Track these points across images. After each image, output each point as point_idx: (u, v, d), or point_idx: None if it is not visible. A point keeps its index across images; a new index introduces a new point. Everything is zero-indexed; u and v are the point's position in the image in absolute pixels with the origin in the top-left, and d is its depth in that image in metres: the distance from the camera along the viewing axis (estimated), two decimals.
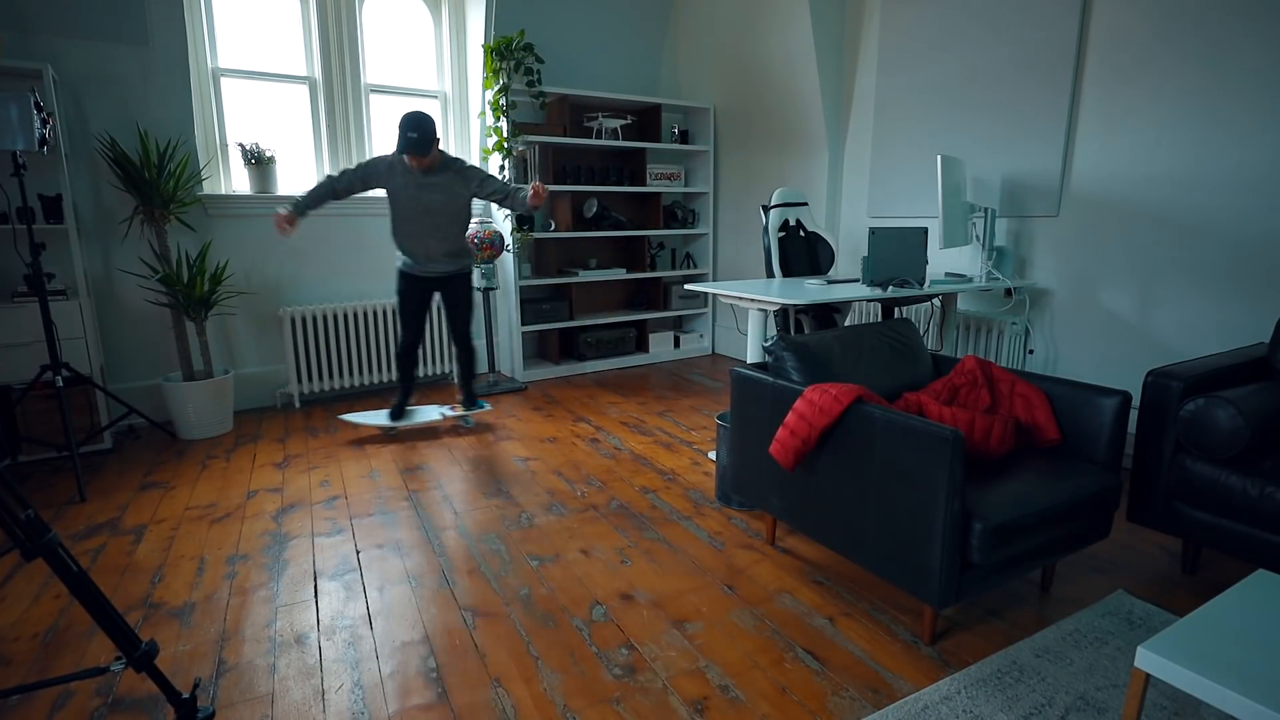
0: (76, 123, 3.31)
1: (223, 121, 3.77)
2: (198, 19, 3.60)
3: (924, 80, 3.66)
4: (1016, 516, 1.61)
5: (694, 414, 3.79)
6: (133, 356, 3.61)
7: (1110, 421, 1.84)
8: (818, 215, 4.30)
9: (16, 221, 3.02)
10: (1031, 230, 3.29)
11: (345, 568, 2.16)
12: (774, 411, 2.03)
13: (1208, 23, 2.60)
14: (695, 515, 2.53)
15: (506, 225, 4.27)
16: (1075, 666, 1.65)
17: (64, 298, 3.11)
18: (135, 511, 2.59)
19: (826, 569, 2.14)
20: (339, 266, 4.12)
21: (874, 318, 3.88)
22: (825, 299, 2.57)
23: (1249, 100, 2.52)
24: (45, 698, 1.57)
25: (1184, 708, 1.48)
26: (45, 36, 3.19)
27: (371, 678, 1.64)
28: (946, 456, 1.53)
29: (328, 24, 3.95)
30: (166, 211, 3.34)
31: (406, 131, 2.87)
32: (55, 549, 1.28)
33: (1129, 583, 2.05)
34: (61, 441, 3.07)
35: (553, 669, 1.67)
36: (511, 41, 4.00)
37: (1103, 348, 3.06)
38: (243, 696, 1.58)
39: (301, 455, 3.19)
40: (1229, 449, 1.81)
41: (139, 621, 1.87)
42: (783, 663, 1.69)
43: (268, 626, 1.85)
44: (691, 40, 5.09)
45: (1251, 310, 2.58)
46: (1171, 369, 2.00)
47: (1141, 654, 1.17)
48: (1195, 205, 2.70)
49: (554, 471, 2.96)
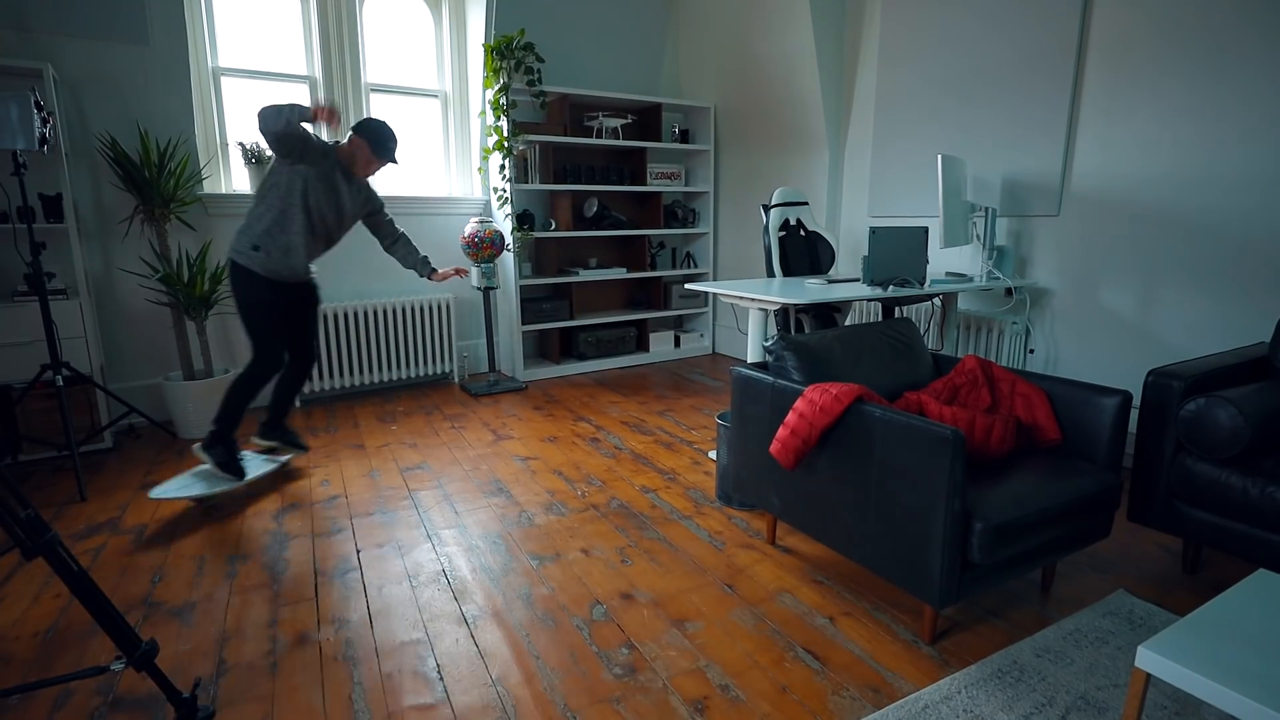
0: (77, 122, 3.31)
1: (223, 121, 3.77)
2: (198, 18, 3.60)
3: (924, 79, 3.66)
4: (1017, 516, 1.61)
5: (694, 413, 3.79)
6: (133, 356, 3.61)
7: (1111, 421, 1.84)
8: (818, 214, 4.29)
9: (17, 221, 3.02)
10: (1032, 229, 3.28)
11: (345, 567, 2.16)
12: (774, 411, 2.03)
13: (1210, 20, 2.59)
14: (696, 515, 2.53)
15: (507, 225, 4.27)
16: (1076, 666, 1.65)
17: (64, 297, 3.11)
18: (135, 511, 2.59)
19: (827, 568, 2.14)
20: (339, 266, 4.12)
21: (874, 317, 3.88)
22: (826, 298, 2.56)
23: (1251, 99, 2.51)
24: (45, 697, 1.57)
25: (1184, 708, 1.48)
26: (45, 36, 3.18)
27: (371, 677, 1.64)
28: (947, 456, 1.53)
29: (328, 23, 3.94)
30: (167, 211, 3.34)
31: (388, 140, 2.63)
32: (55, 548, 1.28)
33: (1129, 582, 2.04)
34: (62, 441, 3.07)
35: (553, 668, 1.67)
36: (512, 40, 4.00)
37: (1103, 347, 3.06)
38: (243, 696, 1.58)
39: (301, 454, 3.19)
40: (1230, 449, 1.81)
41: (139, 621, 1.87)
42: (783, 662, 1.69)
43: (268, 626, 1.85)
44: (692, 40, 5.08)
45: (1252, 309, 2.58)
46: (1172, 368, 2.00)
47: (1142, 654, 1.17)
48: (1196, 204, 2.70)
49: (554, 471, 2.96)
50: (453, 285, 4.55)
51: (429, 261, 3.01)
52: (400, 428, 3.58)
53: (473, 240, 4.01)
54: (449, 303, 4.35)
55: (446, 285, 4.51)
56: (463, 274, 3.17)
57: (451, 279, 4.49)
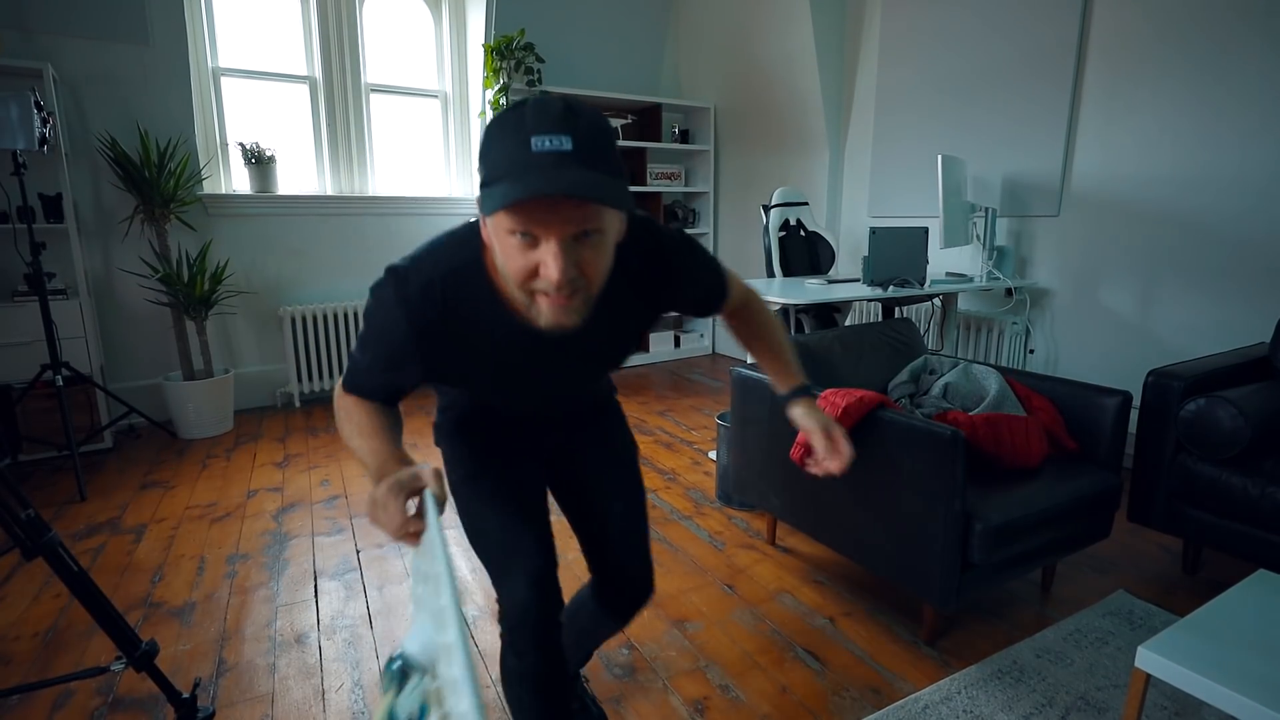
0: (77, 122, 3.31)
1: (223, 121, 3.77)
2: (198, 18, 3.60)
3: (925, 79, 3.66)
4: (1017, 516, 1.61)
5: (694, 413, 3.79)
6: (133, 356, 3.61)
7: (1111, 421, 1.84)
8: (818, 215, 4.29)
9: (17, 221, 3.01)
10: (1032, 230, 3.28)
11: (345, 567, 2.16)
12: (774, 411, 2.03)
13: (1210, 21, 2.59)
14: (695, 515, 2.53)
15: None
16: (1076, 666, 1.65)
17: (64, 297, 3.11)
18: (135, 511, 2.59)
19: (827, 569, 2.14)
20: (339, 266, 4.12)
21: (874, 317, 3.88)
22: (826, 299, 2.56)
23: (1251, 99, 2.51)
24: (45, 697, 1.57)
25: (1184, 708, 1.48)
26: (45, 36, 3.18)
27: (372, 677, 1.64)
28: (948, 456, 1.53)
29: (328, 23, 3.94)
30: (167, 211, 3.34)
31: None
32: (55, 548, 1.28)
33: (1129, 583, 2.04)
34: (61, 441, 3.07)
35: None
36: (512, 41, 4.00)
37: (1103, 347, 3.06)
38: (243, 696, 1.57)
39: (302, 454, 3.19)
40: (1230, 449, 1.81)
41: (139, 621, 1.87)
42: (783, 663, 1.69)
43: (268, 626, 1.85)
44: (692, 40, 5.08)
45: (1253, 310, 2.58)
46: (1172, 369, 2.00)
47: (1142, 654, 1.17)
48: (1197, 204, 2.70)
49: None
50: None
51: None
52: None
53: None
54: None
55: None
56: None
57: None
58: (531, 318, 0.84)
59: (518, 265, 0.77)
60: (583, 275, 0.78)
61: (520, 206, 0.72)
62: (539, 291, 0.79)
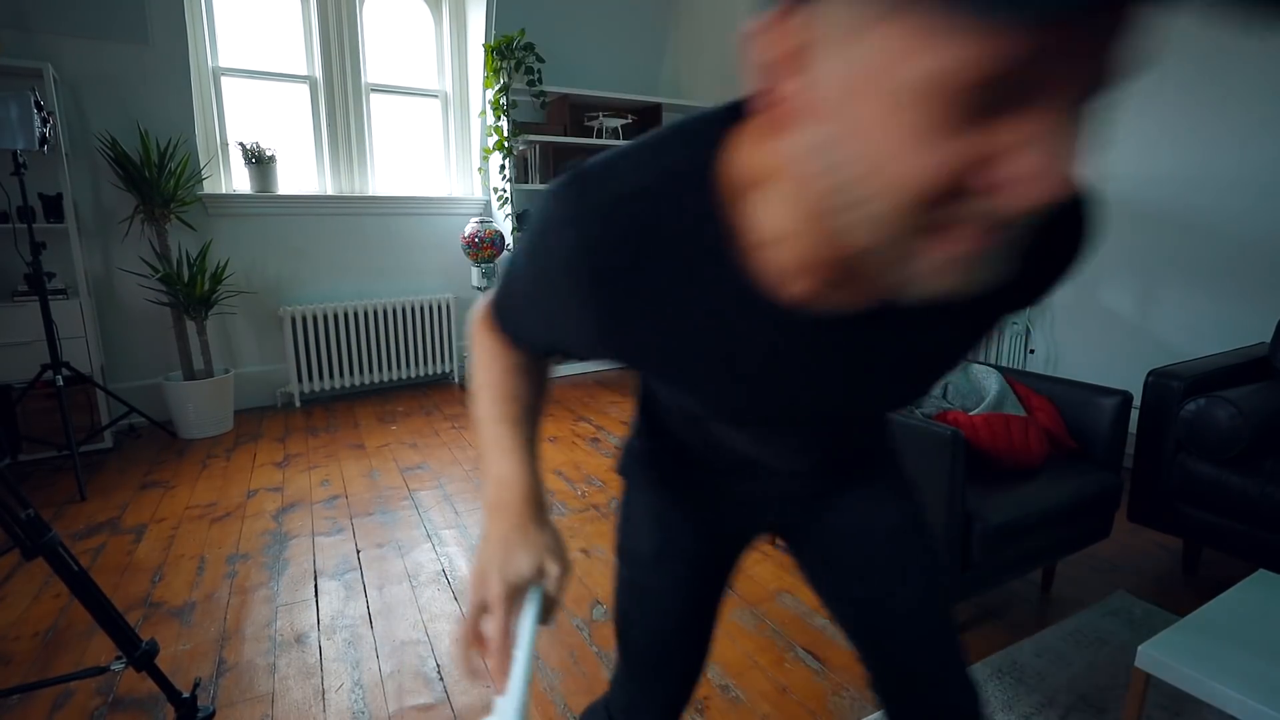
0: (77, 122, 3.31)
1: (223, 121, 3.77)
2: (198, 18, 3.59)
3: None
4: (1017, 516, 1.61)
5: None
6: (133, 356, 3.61)
7: (1111, 421, 1.84)
8: None
9: (17, 221, 3.01)
10: None
11: (345, 567, 2.16)
12: None
13: (1210, 20, 2.59)
14: None
15: (507, 225, 4.27)
16: (1075, 666, 1.65)
17: (64, 297, 3.11)
18: (135, 511, 2.59)
19: None
20: (339, 266, 4.12)
21: None
22: None
23: (1251, 98, 2.51)
24: (45, 697, 1.57)
25: (1184, 708, 1.48)
26: (45, 36, 3.18)
27: (372, 677, 1.64)
28: (948, 456, 1.53)
29: (328, 23, 3.94)
30: (167, 211, 3.34)
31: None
32: (55, 548, 1.28)
33: (1129, 583, 2.04)
34: (62, 440, 3.07)
35: (553, 668, 1.67)
36: (512, 41, 4.00)
37: (1103, 347, 3.06)
38: (243, 696, 1.58)
39: (302, 454, 3.19)
40: (1230, 449, 1.81)
41: (139, 621, 1.87)
42: (783, 662, 1.69)
43: (268, 626, 1.85)
44: (692, 40, 5.08)
45: (1253, 310, 2.57)
46: (1172, 369, 2.00)
47: (1142, 654, 1.17)
48: (1196, 204, 2.70)
49: (554, 471, 2.95)
50: (453, 284, 4.54)
51: None
52: (400, 428, 3.58)
53: (473, 240, 4.00)
54: (449, 302, 4.35)
55: (446, 285, 4.50)
56: None
57: (449, 274, 4.48)
58: (842, 292, 0.47)
59: (931, 164, 0.33)
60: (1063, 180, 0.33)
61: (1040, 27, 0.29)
62: (950, 225, 0.36)
